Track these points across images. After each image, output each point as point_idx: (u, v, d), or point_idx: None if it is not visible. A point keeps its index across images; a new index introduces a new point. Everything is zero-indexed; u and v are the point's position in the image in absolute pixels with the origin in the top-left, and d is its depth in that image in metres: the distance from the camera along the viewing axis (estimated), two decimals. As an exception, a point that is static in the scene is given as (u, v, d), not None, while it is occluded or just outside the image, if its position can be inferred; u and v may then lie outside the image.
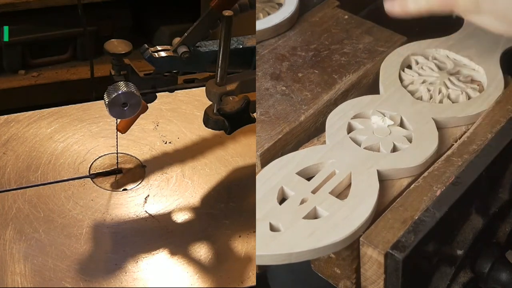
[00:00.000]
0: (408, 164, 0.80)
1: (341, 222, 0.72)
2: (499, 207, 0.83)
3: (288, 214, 0.74)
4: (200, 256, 0.91)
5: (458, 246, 0.78)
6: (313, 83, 0.92)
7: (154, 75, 0.94)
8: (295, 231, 0.72)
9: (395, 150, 0.82)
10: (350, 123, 0.85)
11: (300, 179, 0.78)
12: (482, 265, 0.80)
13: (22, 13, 1.74)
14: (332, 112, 0.87)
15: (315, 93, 0.90)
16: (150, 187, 1.01)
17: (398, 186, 0.79)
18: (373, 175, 0.78)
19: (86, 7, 1.51)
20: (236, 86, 0.93)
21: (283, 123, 0.86)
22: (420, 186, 0.78)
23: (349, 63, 0.95)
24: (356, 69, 0.94)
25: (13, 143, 1.07)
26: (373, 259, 0.72)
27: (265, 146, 0.83)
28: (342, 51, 0.97)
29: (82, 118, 1.13)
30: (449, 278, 0.77)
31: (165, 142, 1.10)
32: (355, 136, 0.83)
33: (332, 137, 0.83)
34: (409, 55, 0.94)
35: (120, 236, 0.93)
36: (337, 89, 0.91)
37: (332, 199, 0.76)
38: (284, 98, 0.90)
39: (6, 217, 0.94)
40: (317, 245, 0.70)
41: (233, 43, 0.94)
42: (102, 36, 1.78)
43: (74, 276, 0.87)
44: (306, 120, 0.87)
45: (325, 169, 0.79)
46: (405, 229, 0.73)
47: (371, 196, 0.75)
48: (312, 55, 0.97)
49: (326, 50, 0.98)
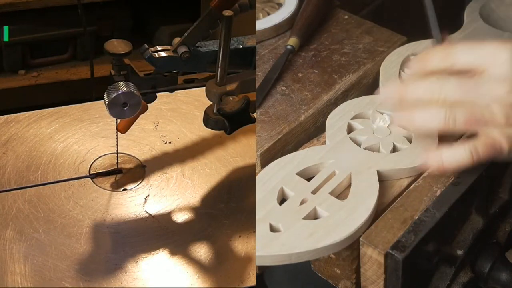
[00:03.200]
0: (408, 164, 0.80)
1: (341, 222, 0.72)
2: (499, 207, 0.83)
3: (288, 215, 0.74)
4: (200, 256, 0.91)
5: (458, 246, 0.78)
6: (313, 83, 0.92)
7: (154, 75, 0.94)
8: (295, 231, 0.72)
9: (395, 150, 0.82)
10: (350, 124, 0.85)
11: (300, 180, 0.78)
12: (482, 265, 0.80)
13: (22, 13, 1.74)
14: (332, 112, 0.87)
15: (315, 93, 0.90)
16: (150, 187, 1.01)
17: (398, 186, 0.79)
18: (373, 175, 0.78)
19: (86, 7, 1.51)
20: (236, 86, 0.93)
21: (283, 123, 0.86)
22: (420, 186, 0.78)
23: (349, 63, 0.95)
24: (356, 69, 0.94)
25: (13, 143, 1.07)
26: (373, 259, 0.72)
27: (265, 146, 0.83)
28: (342, 51, 0.97)
29: (82, 118, 1.13)
30: (449, 278, 0.77)
31: (165, 142, 1.10)
32: (355, 136, 0.83)
33: (332, 138, 0.83)
34: (409, 55, 0.94)
35: (120, 236, 0.93)
36: (337, 89, 0.91)
37: (332, 199, 0.76)
38: (284, 98, 0.90)
39: (6, 217, 0.94)
40: (317, 246, 0.70)
41: (233, 43, 0.94)
42: (102, 36, 1.78)
43: (74, 276, 0.87)
44: (306, 120, 0.87)
45: (325, 169, 0.79)
46: (405, 229, 0.73)
47: (371, 197, 0.75)
48: (312, 55, 0.97)
49: (326, 50, 0.98)
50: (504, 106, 0.70)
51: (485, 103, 0.71)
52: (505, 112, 0.70)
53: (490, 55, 0.71)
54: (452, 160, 0.74)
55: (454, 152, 0.74)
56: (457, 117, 0.71)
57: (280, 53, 0.97)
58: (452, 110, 0.72)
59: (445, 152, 0.74)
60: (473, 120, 0.71)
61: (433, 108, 0.73)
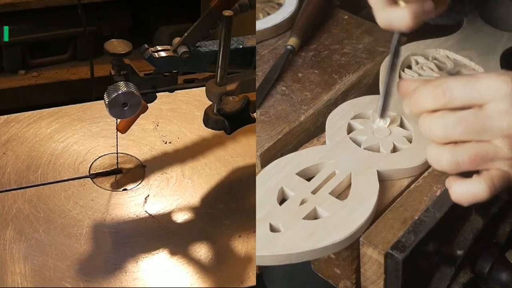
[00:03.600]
0: (408, 164, 0.80)
1: (341, 222, 0.72)
2: (499, 207, 0.82)
3: (288, 215, 0.74)
4: (200, 256, 0.91)
5: (458, 246, 0.78)
6: (313, 83, 0.92)
7: (154, 75, 0.94)
8: (295, 231, 0.72)
9: (395, 151, 0.82)
10: (350, 124, 0.85)
11: (300, 180, 0.78)
12: (482, 265, 0.80)
13: (22, 13, 1.75)
14: (332, 112, 0.87)
15: (315, 93, 0.90)
16: (150, 187, 1.01)
17: (398, 186, 0.79)
18: (373, 175, 0.78)
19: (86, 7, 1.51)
20: (236, 86, 0.93)
21: (283, 123, 0.86)
22: (420, 186, 0.78)
23: (349, 63, 0.95)
24: (356, 69, 0.94)
25: (13, 143, 1.07)
26: (373, 259, 0.72)
27: (265, 146, 0.83)
28: (342, 51, 0.97)
29: (82, 118, 1.13)
30: (449, 278, 0.77)
31: (165, 142, 1.10)
32: (355, 136, 0.83)
33: (332, 138, 0.83)
34: (409, 55, 0.94)
35: (120, 236, 0.93)
36: (337, 89, 0.91)
37: (332, 199, 0.76)
38: (284, 98, 0.90)
39: (6, 217, 0.94)
40: (317, 246, 0.70)
41: (233, 43, 0.94)
42: (102, 36, 1.78)
43: (74, 276, 0.87)
44: (306, 120, 0.87)
45: (325, 169, 0.79)
46: (405, 229, 0.73)
47: (371, 197, 0.75)
48: (312, 55, 0.97)
49: (326, 50, 0.98)
50: (509, 139, 0.69)
51: (488, 138, 0.69)
52: (510, 146, 0.69)
53: (489, 89, 0.69)
54: (469, 195, 0.71)
55: (471, 187, 0.71)
56: (460, 159, 0.70)
57: (280, 53, 0.97)
58: (455, 152, 0.70)
59: (460, 185, 0.72)
60: (478, 159, 0.70)
61: (436, 150, 0.71)
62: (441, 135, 0.71)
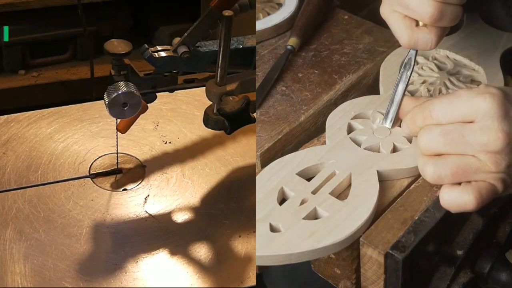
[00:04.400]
0: (408, 165, 0.80)
1: (341, 222, 0.72)
2: (499, 207, 0.83)
3: (288, 215, 0.74)
4: (200, 256, 0.91)
5: (458, 246, 0.78)
6: (313, 83, 0.92)
7: (154, 75, 0.94)
8: (295, 231, 0.72)
9: (395, 151, 0.82)
10: (350, 124, 0.85)
11: (300, 180, 0.78)
12: (482, 265, 0.80)
13: (22, 13, 1.75)
14: (332, 112, 0.87)
15: (315, 93, 0.90)
16: (150, 187, 1.01)
17: (398, 186, 0.79)
18: (373, 175, 0.78)
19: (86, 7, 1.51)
20: (236, 86, 0.93)
21: (283, 123, 0.86)
22: (420, 186, 0.78)
23: (349, 63, 0.95)
24: (356, 69, 0.94)
25: (13, 143, 1.07)
26: (373, 259, 0.72)
27: (265, 146, 0.83)
28: (342, 51, 0.97)
29: (82, 118, 1.13)
30: (449, 278, 0.77)
31: (165, 142, 1.10)
32: (355, 136, 0.83)
33: (332, 138, 0.83)
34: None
35: (120, 236, 0.93)
36: (337, 89, 0.91)
37: (332, 199, 0.76)
38: (284, 98, 0.90)
39: (6, 217, 0.94)
40: (317, 246, 0.70)
41: (233, 43, 0.94)
42: (102, 36, 1.78)
43: (74, 276, 0.87)
44: (306, 120, 0.87)
45: (325, 169, 0.79)
46: (405, 229, 0.73)
47: (371, 197, 0.75)
48: (312, 55, 0.97)
49: (326, 50, 0.98)
50: (491, 154, 0.71)
51: (471, 153, 0.71)
52: (493, 160, 0.71)
53: (469, 108, 0.71)
54: (456, 204, 0.72)
55: (459, 196, 0.72)
56: (442, 172, 0.72)
57: (280, 53, 0.97)
58: (437, 165, 0.72)
59: (448, 193, 0.72)
60: (460, 172, 0.72)
61: (421, 161, 0.75)
62: (425, 146, 0.74)
